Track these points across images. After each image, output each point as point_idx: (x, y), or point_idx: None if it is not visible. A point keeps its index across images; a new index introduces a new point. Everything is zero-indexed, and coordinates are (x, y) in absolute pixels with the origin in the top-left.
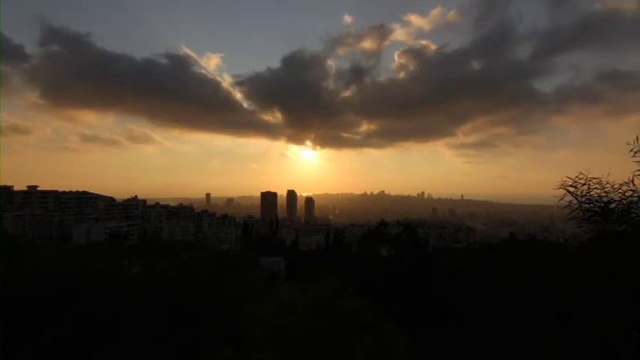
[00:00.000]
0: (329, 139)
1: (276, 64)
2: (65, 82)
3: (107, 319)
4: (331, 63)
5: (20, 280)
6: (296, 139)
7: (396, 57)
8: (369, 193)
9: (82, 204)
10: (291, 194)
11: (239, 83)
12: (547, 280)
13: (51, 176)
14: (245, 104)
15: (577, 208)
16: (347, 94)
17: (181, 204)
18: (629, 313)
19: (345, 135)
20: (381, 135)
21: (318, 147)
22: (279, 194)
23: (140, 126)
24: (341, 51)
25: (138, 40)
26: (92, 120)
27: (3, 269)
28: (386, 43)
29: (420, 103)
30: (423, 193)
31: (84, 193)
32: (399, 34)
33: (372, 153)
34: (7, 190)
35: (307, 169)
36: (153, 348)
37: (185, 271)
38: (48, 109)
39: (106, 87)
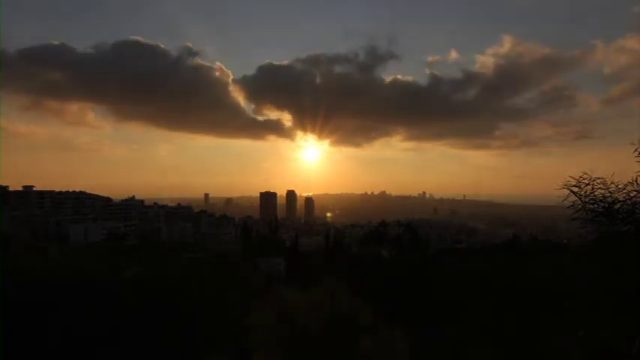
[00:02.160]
0: (330, 140)
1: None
2: (60, 81)
3: (106, 321)
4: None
5: (19, 280)
6: (295, 139)
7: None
8: (369, 193)
9: (79, 204)
10: (291, 194)
11: (241, 80)
12: (549, 280)
13: (46, 176)
14: (245, 103)
15: (581, 209)
16: (352, 95)
17: (179, 204)
18: (634, 315)
19: (349, 136)
20: (397, 137)
21: (318, 147)
22: (278, 194)
23: (137, 125)
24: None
25: (138, 35)
26: (88, 120)
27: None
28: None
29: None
30: (424, 193)
31: (81, 193)
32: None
33: (373, 153)
34: (2, 190)
35: (307, 169)
36: (153, 351)
37: (183, 273)
38: (43, 109)
39: (102, 85)
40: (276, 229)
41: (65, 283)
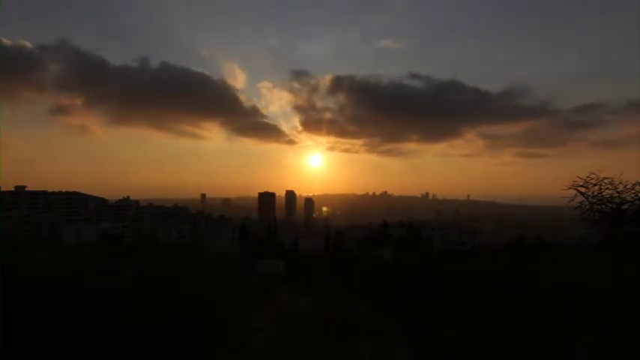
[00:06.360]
0: (330, 140)
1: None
2: (57, 81)
3: (97, 323)
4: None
5: (12, 281)
6: (295, 139)
7: None
8: (370, 193)
9: (73, 205)
10: (290, 195)
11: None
12: (555, 283)
13: (41, 176)
14: (245, 104)
15: (588, 210)
16: (354, 96)
17: (176, 205)
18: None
19: (352, 136)
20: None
21: (318, 147)
22: (277, 195)
23: (133, 125)
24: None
25: (140, 37)
26: (85, 119)
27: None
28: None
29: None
30: (427, 193)
31: (74, 193)
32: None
33: (375, 153)
34: None
35: (306, 169)
36: (150, 352)
37: (180, 275)
38: (39, 109)
39: (98, 86)
40: (274, 230)
41: (58, 284)
